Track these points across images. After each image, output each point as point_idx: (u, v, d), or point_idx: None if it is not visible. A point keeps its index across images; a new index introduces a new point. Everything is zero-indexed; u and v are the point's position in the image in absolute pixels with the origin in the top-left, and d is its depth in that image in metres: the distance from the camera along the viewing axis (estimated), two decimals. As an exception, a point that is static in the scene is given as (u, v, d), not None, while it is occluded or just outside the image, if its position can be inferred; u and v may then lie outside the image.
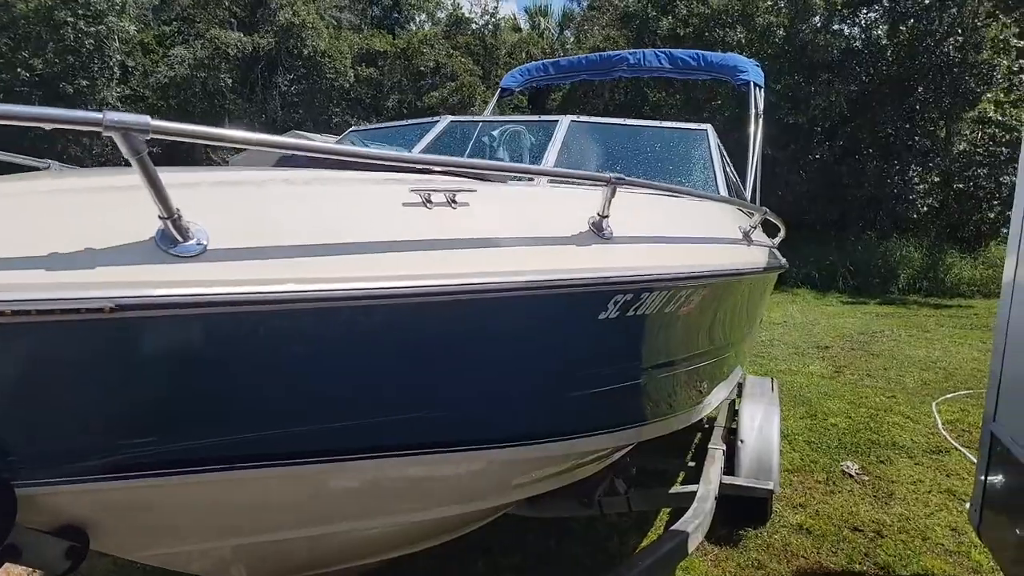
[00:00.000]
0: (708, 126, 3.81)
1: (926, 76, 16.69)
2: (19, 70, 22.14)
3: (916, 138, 17.43)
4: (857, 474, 5.39)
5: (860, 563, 4.10)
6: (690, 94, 17.98)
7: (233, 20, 24.58)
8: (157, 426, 1.54)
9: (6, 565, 1.47)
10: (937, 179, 17.64)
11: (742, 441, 4.50)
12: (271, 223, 1.55)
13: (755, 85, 5.62)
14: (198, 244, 1.40)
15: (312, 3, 24.64)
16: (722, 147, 4.11)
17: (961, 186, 17.17)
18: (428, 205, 1.82)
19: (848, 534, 4.42)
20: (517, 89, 7.04)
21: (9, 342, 1.28)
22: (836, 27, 17.52)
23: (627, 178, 2.05)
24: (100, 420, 1.48)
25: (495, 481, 2.48)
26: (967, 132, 17.10)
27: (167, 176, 1.35)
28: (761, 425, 4.63)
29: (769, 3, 17.25)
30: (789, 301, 14.79)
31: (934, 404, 7.13)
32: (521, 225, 2.01)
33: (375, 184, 1.92)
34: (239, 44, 23.41)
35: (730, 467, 4.35)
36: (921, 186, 17.71)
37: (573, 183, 2.58)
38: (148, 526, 1.76)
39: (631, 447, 3.58)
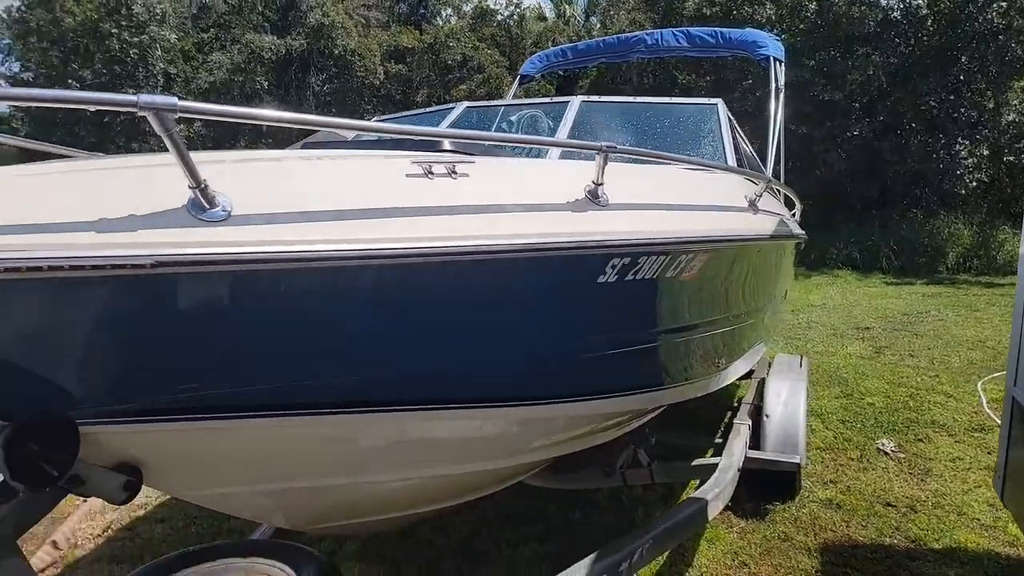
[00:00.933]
0: (719, 101, 3.82)
1: (970, 44, 16.04)
2: (70, 81, 23.05)
3: (962, 110, 16.78)
4: (893, 451, 5.30)
5: (890, 536, 4.05)
6: (720, 75, 17.67)
7: (266, 24, 25.10)
8: (194, 373, 1.71)
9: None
10: (986, 152, 16.97)
11: (767, 416, 4.50)
12: (286, 192, 1.71)
13: (775, 60, 5.54)
14: (223, 210, 1.57)
15: (341, 3, 24.97)
16: (734, 122, 4.09)
17: (1012, 159, 16.50)
18: (429, 176, 1.94)
19: (880, 509, 4.37)
20: (537, 75, 7.07)
21: (67, 294, 1.46)
22: (872, -2, 16.99)
23: (619, 146, 2.11)
24: (147, 367, 1.66)
25: (514, 439, 2.58)
26: (1016, 102, 16.41)
27: (197, 156, 1.54)
28: (787, 400, 4.62)
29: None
30: (829, 283, 14.48)
31: (979, 383, 6.92)
32: (518, 194, 2.09)
33: (380, 159, 2.05)
34: (273, 47, 23.92)
35: (758, 443, 4.36)
36: (969, 160, 17.05)
37: (582, 157, 2.64)
38: (193, 467, 1.95)
39: (650, 416, 3.63)
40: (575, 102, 3.71)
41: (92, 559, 3.97)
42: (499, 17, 25.69)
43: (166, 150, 1.46)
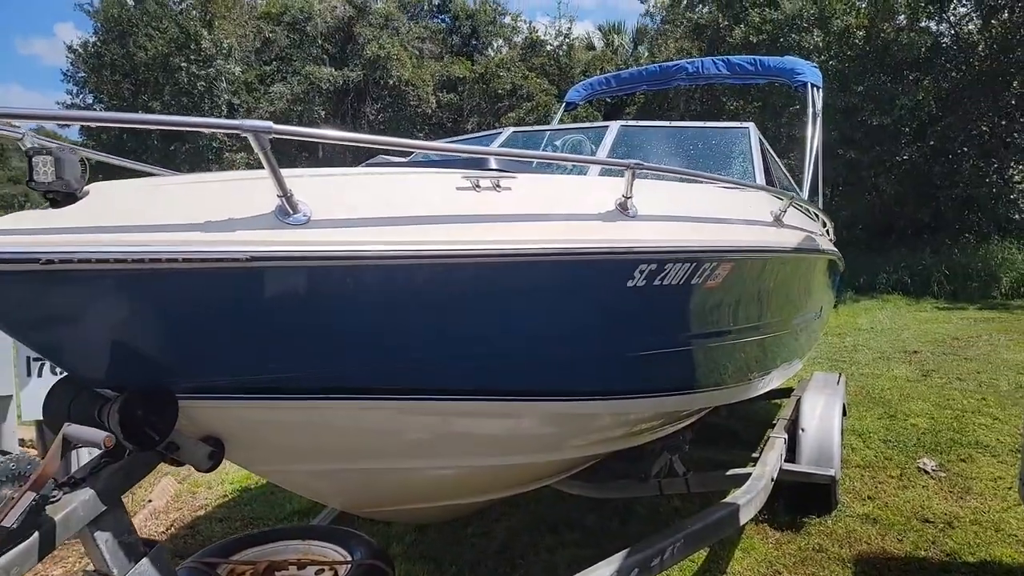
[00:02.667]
0: (751, 125, 4.02)
1: (1023, 70, 15.77)
2: (139, 111, 24.51)
3: (1015, 135, 16.45)
4: (933, 470, 5.31)
5: (926, 550, 4.10)
6: (768, 101, 17.74)
7: (325, 56, 26.27)
8: (274, 358, 1.99)
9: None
10: (1044, 177, 16.56)
11: (803, 430, 4.59)
12: (356, 202, 2.00)
13: (812, 86, 5.73)
14: (304, 216, 1.85)
15: (396, 36, 25.98)
16: (766, 145, 4.29)
17: (1071, 183, 16.05)
18: (477, 189, 2.22)
19: (917, 524, 4.41)
20: (581, 102, 7.38)
21: (175, 284, 1.75)
22: (923, 24, 16.83)
23: (646, 163, 2.37)
24: (235, 349, 1.94)
25: (552, 435, 2.79)
26: (1075, 126, 16.01)
27: (284, 171, 1.84)
28: (822, 414, 4.71)
29: (845, 5, 16.77)
30: (878, 307, 14.27)
31: (1028, 405, 6.85)
32: (555, 205, 2.35)
33: (436, 175, 2.35)
34: (331, 78, 24.99)
35: (794, 457, 4.47)
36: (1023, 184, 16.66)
37: (619, 175, 2.90)
38: (263, 443, 2.22)
39: (684, 423, 3.78)
40: (614, 127, 3.98)
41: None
42: (548, 48, 26.32)
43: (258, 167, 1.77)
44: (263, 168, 1.78)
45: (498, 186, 2.24)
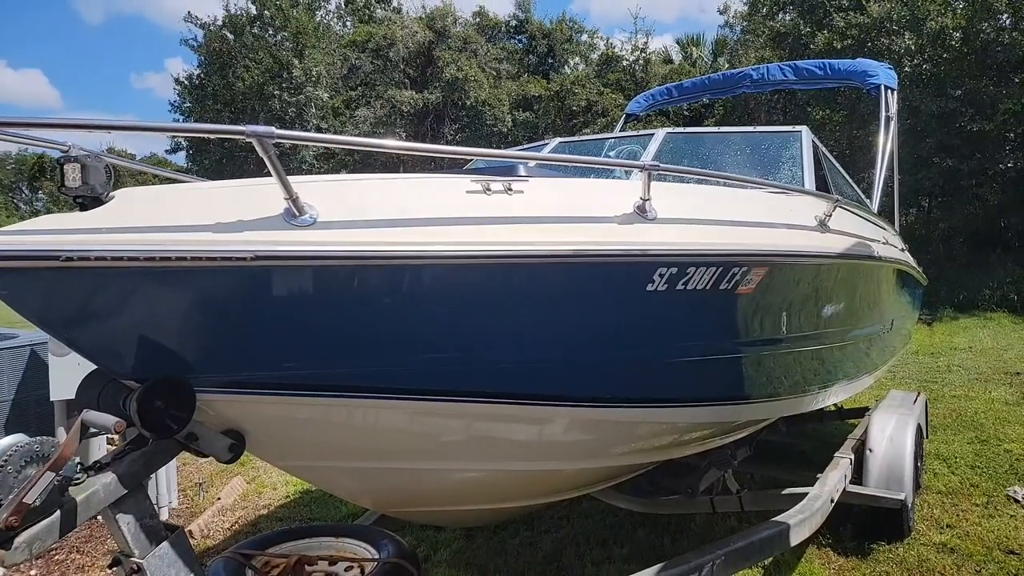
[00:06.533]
0: (803, 129, 3.86)
1: None
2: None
3: None
4: (1025, 499, 4.88)
5: (1007, 583, 3.78)
6: (855, 108, 16.86)
7: (407, 80, 27.19)
8: (285, 355, 2.04)
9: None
10: None
11: (870, 450, 4.36)
12: (364, 205, 2.05)
13: (886, 88, 5.45)
14: (310, 218, 1.91)
15: (474, 58, 26.63)
16: (823, 150, 4.10)
17: None
18: (487, 192, 2.22)
19: (999, 556, 4.08)
20: (642, 113, 7.30)
21: (186, 281, 1.84)
22: (1029, 22, 15.58)
23: (662, 164, 2.31)
24: (247, 346, 2.01)
25: (581, 441, 2.71)
26: None
27: (300, 178, 1.92)
28: (893, 435, 4.44)
29: (940, 6, 15.75)
30: (979, 326, 13.26)
31: None
32: (570, 209, 2.31)
33: (445, 179, 2.38)
34: (411, 101, 25.86)
35: (862, 479, 4.23)
36: None
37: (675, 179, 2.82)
38: (286, 439, 2.27)
39: (733, 436, 3.64)
40: (659, 134, 3.92)
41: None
42: (624, 63, 26.17)
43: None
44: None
45: (510, 189, 2.23)
